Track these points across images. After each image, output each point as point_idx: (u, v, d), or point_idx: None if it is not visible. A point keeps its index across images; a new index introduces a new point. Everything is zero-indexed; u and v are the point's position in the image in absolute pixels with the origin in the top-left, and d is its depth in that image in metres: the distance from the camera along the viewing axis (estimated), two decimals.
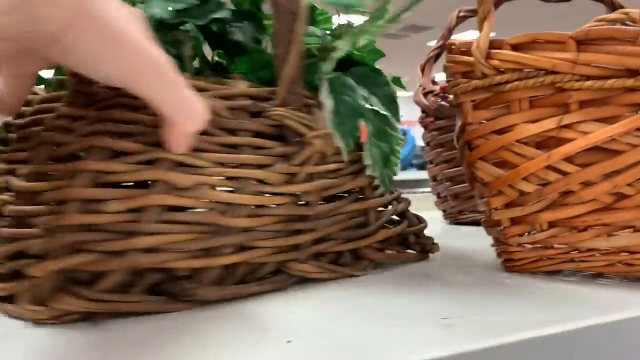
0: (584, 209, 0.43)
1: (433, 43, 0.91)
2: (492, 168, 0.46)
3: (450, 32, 0.92)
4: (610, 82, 0.40)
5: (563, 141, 0.42)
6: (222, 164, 0.40)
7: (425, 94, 0.85)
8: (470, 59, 0.45)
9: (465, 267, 0.51)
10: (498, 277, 0.46)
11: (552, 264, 0.46)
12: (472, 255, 0.57)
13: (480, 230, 0.51)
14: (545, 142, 0.43)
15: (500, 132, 0.45)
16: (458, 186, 0.84)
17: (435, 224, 0.89)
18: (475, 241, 0.66)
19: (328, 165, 0.45)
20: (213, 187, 0.39)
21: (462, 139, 0.48)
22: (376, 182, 0.48)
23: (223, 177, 0.40)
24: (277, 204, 0.42)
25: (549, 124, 0.42)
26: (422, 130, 0.92)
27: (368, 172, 0.46)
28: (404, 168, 5.46)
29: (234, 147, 0.41)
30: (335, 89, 0.45)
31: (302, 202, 0.44)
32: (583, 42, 0.41)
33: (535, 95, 0.43)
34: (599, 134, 0.41)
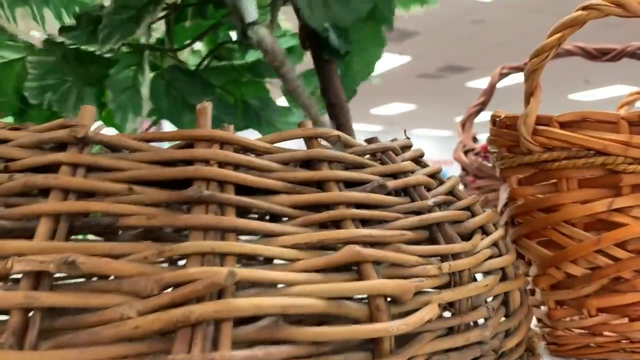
0: (637, 298, 0.40)
1: (472, 83, 0.90)
2: (538, 247, 0.44)
3: (492, 88, 0.91)
4: None
5: (614, 225, 0.40)
6: None
7: (466, 152, 0.83)
8: (516, 133, 0.44)
9: None
10: None
11: (600, 352, 0.43)
12: None
13: None
14: (594, 225, 0.41)
15: (547, 210, 0.43)
16: None
17: None
18: None
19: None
20: None
21: (506, 213, 0.47)
22: None
23: None
24: None
25: (599, 206, 0.40)
26: (458, 167, 0.91)
27: None
28: None
29: None
30: None
31: None
32: (635, 124, 0.39)
33: (584, 175, 0.41)
34: None
